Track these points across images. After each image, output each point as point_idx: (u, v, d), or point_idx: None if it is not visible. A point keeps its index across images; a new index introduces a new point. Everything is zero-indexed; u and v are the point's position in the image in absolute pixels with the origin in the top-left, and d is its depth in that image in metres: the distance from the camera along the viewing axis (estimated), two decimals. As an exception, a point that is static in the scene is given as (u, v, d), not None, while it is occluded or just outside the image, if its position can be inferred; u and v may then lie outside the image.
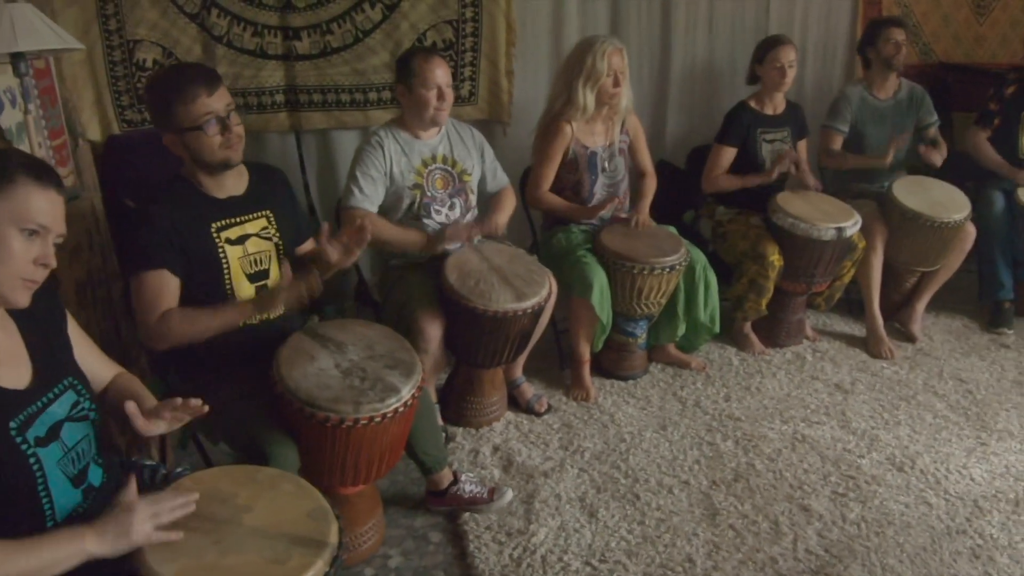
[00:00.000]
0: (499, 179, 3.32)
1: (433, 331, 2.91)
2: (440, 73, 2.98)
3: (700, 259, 3.47)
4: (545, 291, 2.98)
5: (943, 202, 3.80)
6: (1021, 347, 3.94)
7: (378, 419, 2.24)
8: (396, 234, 3.01)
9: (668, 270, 3.29)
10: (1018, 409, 3.42)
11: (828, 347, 3.90)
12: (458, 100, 4.05)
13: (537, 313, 2.99)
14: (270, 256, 2.43)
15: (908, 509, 2.81)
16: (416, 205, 3.06)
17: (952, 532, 2.71)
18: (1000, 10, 5.16)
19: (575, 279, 3.31)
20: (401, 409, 2.28)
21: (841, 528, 2.72)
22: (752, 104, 3.83)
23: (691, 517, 2.77)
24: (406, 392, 2.30)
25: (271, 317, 2.46)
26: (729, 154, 3.78)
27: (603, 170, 3.49)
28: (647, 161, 3.70)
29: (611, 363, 3.59)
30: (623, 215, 3.54)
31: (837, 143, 4.04)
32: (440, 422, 3.16)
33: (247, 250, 2.41)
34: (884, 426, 3.28)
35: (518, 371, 3.39)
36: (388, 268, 3.18)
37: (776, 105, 3.85)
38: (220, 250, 2.35)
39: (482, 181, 3.27)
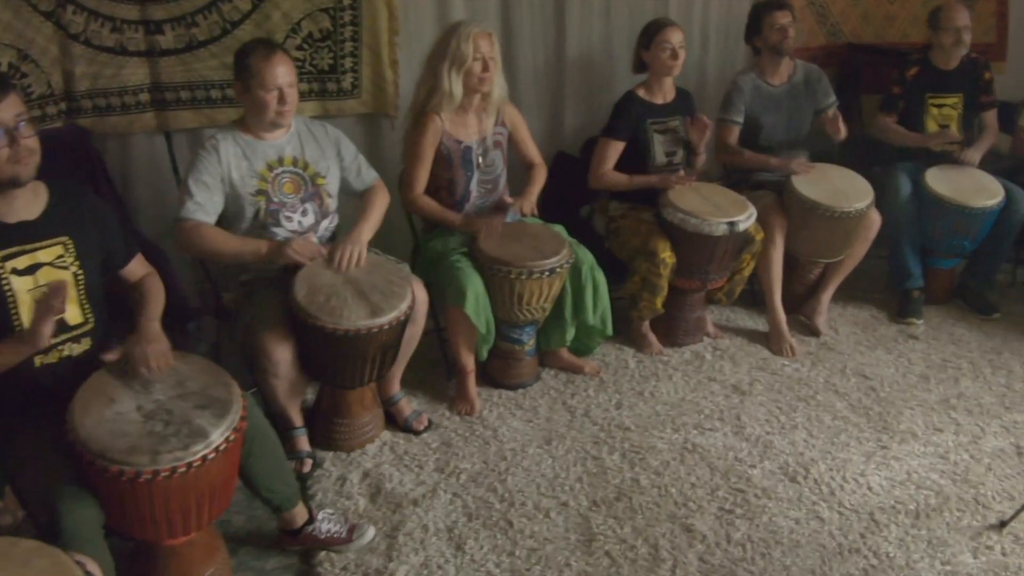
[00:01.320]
0: (365, 177, 2.98)
1: (281, 354, 2.57)
2: (281, 72, 2.63)
3: (587, 259, 3.16)
4: (405, 304, 2.64)
5: (844, 190, 3.52)
6: (930, 338, 3.68)
7: (182, 469, 1.91)
8: (235, 245, 2.67)
9: (548, 273, 2.97)
10: (923, 407, 3.16)
11: (729, 344, 3.61)
12: (340, 93, 3.70)
13: (398, 327, 2.66)
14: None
15: (798, 526, 2.54)
16: (262, 213, 2.72)
17: (844, 551, 2.44)
18: (912, -13, 4.89)
19: (448, 286, 2.99)
20: (211, 456, 1.95)
21: (725, 551, 2.44)
22: (641, 93, 3.51)
23: (565, 544, 2.47)
24: (217, 436, 1.96)
25: (73, 353, 2.13)
26: (617, 148, 3.47)
27: (478, 166, 3.16)
28: (533, 151, 3.38)
29: (498, 372, 3.28)
30: (508, 199, 3.22)
31: (733, 136, 3.74)
32: (307, 448, 2.83)
33: (38, 281, 2.07)
34: (779, 431, 3.00)
35: (395, 386, 3.06)
36: (238, 284, 2.83)
37: (666, 93, 3.54)
38: (4, 281, 2.02)
39: (345, 182, 2.94)
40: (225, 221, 2.74)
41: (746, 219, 3.28)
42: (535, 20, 4.00)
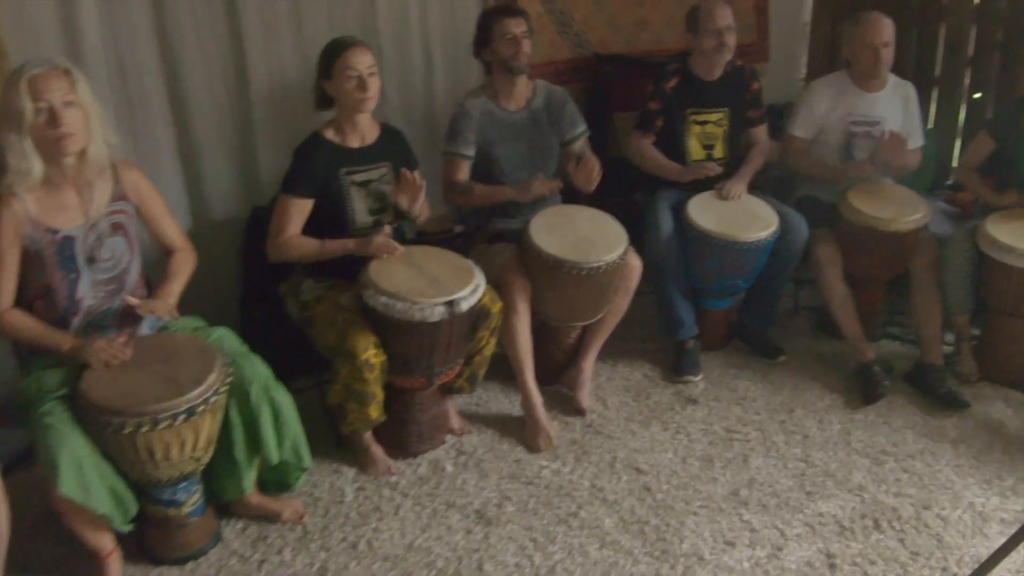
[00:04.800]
0: None
1: None
2: None
3: (257, 376, 2.17)
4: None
5: (592, 239, 2.70)
6: (710, 400, 2.93)
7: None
8: None
9: (185, 416, 1.95)
10: (708, 508, 2.39)
11: (477, 443, 2.70)
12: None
13: None
14: None
15: None
16: None
17: None
18: (663, -12, 4.17)
19: (39, 454, 1.91)
20: None
21: None
22: (329, 135, 2.55)
23: None
24: None
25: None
26: (301, 208, 2.48)
27: (90, 261, 2.10)
28: (172, 230, 2.32)
29: (155, 543, 2.21)
30: (133, 301, 2.16)
31: (462, 173, 2.86)
32: None
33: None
34: (532, 582, 2.14)
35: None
36: None
37: (364, 133, 2.58)
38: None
39: None
40: None
41: (470, 294, 2.38)
42: (203, 40, 2.92)
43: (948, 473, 2.55)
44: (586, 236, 2.69)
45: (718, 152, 3.19)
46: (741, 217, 2.97)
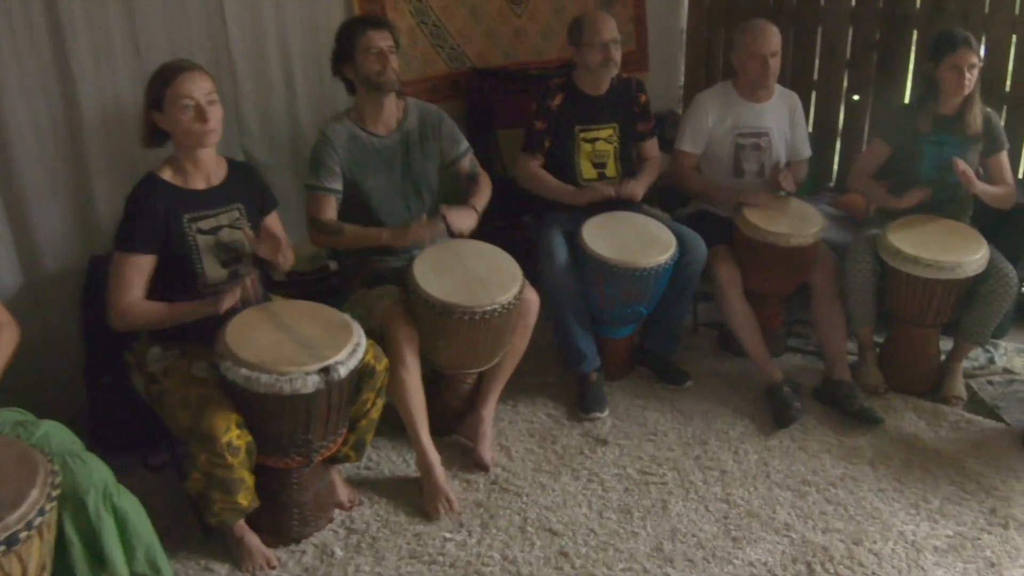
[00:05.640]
0: None
1: None
2: None
3: (94, 481, 1.73)
4: None
5: (482, 277, 2.38)
6: (620, 437, 2.66)
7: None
8: None
9: (3, 549, 1.53)
10: (632, 570, 2.10)
11: (371, 517, 2.33)
12: None
13: None
14: None
15: None
16: None
17: None
18: (539, -5, 3.90)
19: None
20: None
21: None
22: (167, 176, 2.12)
23: None
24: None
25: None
26: (140, 266, 2.05)
27: None
28: None
29: None
30: None
31: (329, 209, 2.49)
32: None
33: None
34: None
35: None
36: None
37: (209, 172, 2.17)
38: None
39: None
40: None
41: (348, 356, 2.00)
42: (24, 62, 2.44)
43: (872, 500, 2.38)
44: (476, 275, 2.37)
45: (610, 171, 2.95)
46: (638, 241, 2.72)
